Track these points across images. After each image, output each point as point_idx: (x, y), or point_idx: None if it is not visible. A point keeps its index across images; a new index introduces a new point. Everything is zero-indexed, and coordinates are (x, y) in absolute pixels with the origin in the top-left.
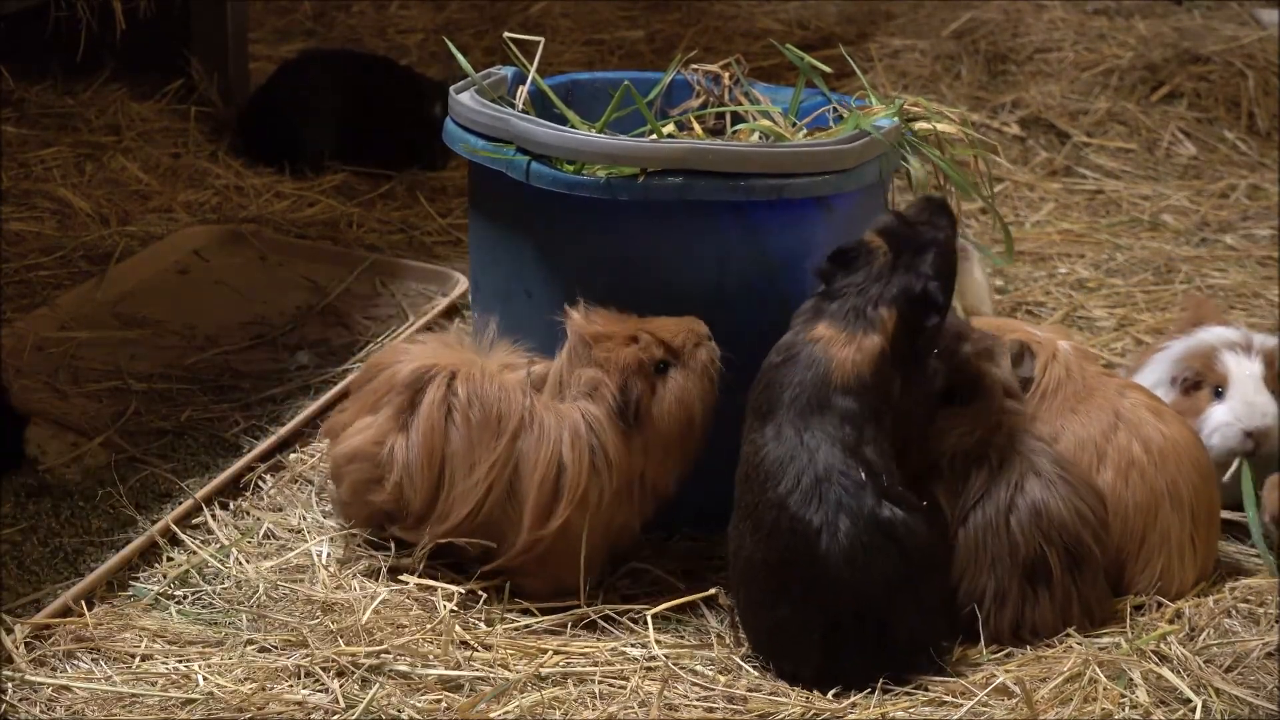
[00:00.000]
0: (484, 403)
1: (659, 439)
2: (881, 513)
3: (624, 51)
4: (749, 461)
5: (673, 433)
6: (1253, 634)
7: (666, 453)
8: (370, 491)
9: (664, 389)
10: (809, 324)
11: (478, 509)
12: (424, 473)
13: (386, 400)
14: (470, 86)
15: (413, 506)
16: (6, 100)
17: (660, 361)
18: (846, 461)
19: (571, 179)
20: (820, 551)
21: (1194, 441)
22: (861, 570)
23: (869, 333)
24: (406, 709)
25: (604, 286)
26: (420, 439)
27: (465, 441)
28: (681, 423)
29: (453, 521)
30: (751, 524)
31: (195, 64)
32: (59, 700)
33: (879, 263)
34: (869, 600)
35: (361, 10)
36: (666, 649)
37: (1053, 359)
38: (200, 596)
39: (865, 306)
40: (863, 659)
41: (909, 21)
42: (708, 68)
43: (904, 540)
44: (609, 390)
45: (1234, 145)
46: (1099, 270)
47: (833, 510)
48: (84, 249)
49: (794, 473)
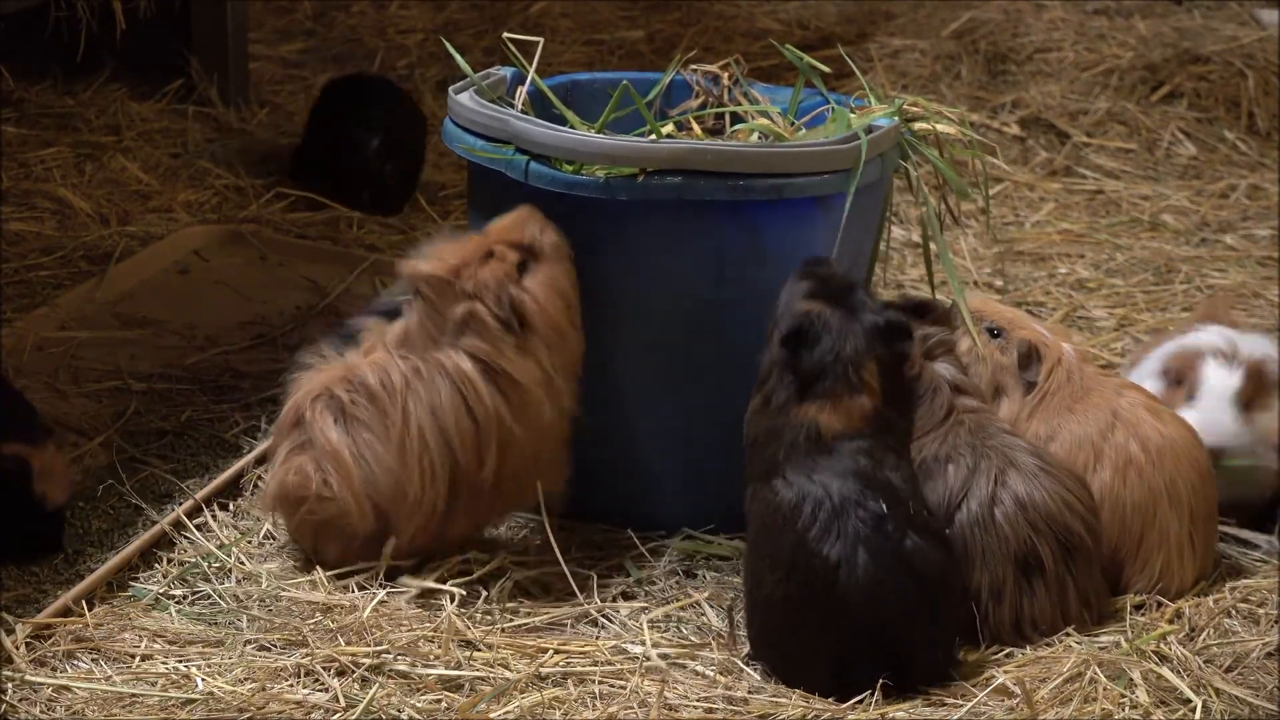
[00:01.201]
0: (366, 390)
1: (550, 330)
2: (905, 544)
3: (624, 51)
4: (763, 515)
5: (559, 319)
6: (1253, 634)
7: (563, 338)
8: (320, 521)
9: (534, 285)
10: (789, 404)
11: (427, 475)
12: (344, 472)
13: (279, 443)
14: (469, 87)
15: (361, 508)
16: (6, 100)
17: (520, 263)
18: (864, 492)
19: (571, 179)
20: (839, 586)
21: (1192, 441)
22: (879, 605)
23: (855, 396)
24: (406, 709)
25: (603, 287)
26: (323, 445)
27: (368, 431)
28: (561, 308)
29: (412, 499)
30: (770, 562)
31: (195, 64)
32: (59, 700)
33: (834, 324)
34: (886, 633)
35: (361, 10)
36: (667, 649)
37: (1058, 364)
38: (200, 597)
39: (847, 372)
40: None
41: (909, 21)
42: (707, 68)
43: (923, 571)
44: (487, 313)
45: (1234, 145)
46: (1099, 270)
47: (851, 543)
48: (84, 249)
49: (810, 508)
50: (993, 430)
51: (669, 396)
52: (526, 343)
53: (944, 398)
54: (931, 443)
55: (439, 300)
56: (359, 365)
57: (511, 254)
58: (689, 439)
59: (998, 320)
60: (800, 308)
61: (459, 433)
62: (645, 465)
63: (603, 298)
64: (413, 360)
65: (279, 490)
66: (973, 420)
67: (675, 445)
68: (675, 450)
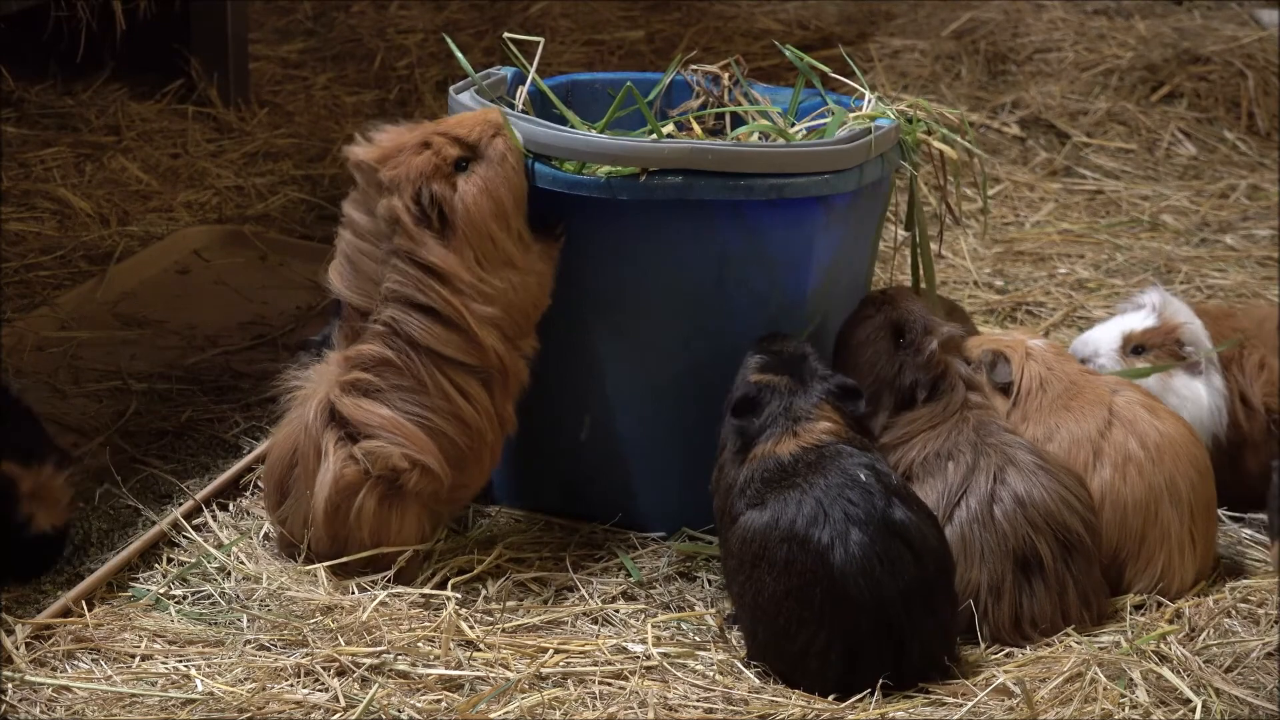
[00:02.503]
0: (378, 361)
1: (474, 232)
2: (894, 515)
3: (624, 51)
4: (745, 538)
5: (489, 224)
6: (1253, 634)
7: (494, 244)
8: (396, 499)
9: (467, 184)
10: (739, 456)
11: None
12: (410, 435)
13: (319, 440)
14: (470, 87)
15: (442, 466)
16: (6, 100)
17: (459, 159)
18: (845, 474)
19: (571, 179)
20: (835, 567)
21: (1190, 438)
22: (877, 579)
23: (810, 423)
24: (406, 709)
25: (604, 286)
26: (378, 424)
27: (402, 394)
28: (489, 211)
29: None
30: (767, 564)
31: (195, 64)
32: (59, 700)
33: (784, 388)
34: (886, 610)
35: (361, 10)
36: (667, 649)
37: (1027, 357)
38: (200, 597)
39: (797, 413)
40: (881, 672)
41: (909, 21)
42: (707, 68)
43: (917, 543)
44: (403, 208)
45: (1234, 145)
46: (1099, 270)
47: (840, 523)
48: (84, 249)
49: (793, 506)
50: (993, 428)
51: (669, 396)
52: (448, 241)
53: (960, 394)
54: (935, 439)
55: (368, 188)
56: (358, 349)
57: (451, 149)
58: (689, 439)
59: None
60: (751, 379)
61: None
62: (645, 465)
63: (602, 297)
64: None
65: (337, 484)
66: (976, 417)
67: (675, 445)
68: (675, 450)
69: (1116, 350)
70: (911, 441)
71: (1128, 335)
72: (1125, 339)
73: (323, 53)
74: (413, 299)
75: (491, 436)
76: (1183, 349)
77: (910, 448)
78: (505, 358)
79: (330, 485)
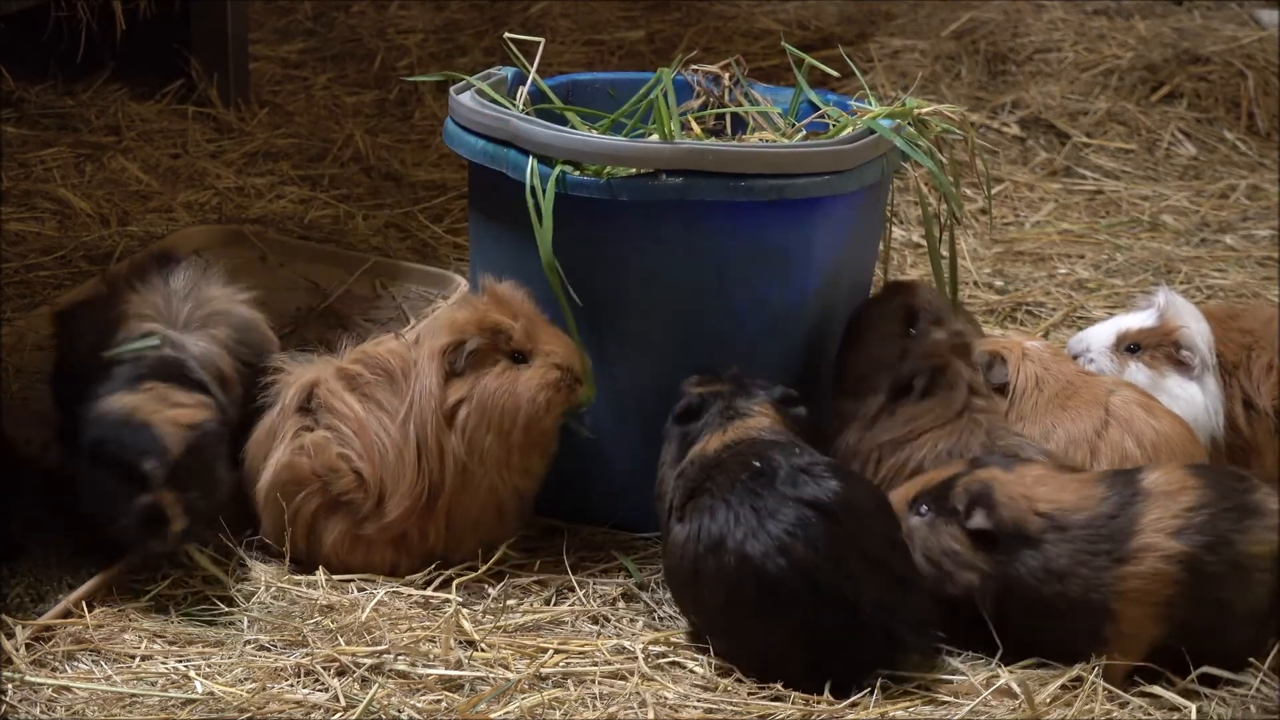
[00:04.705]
0: (385, 370)
1: (480, 413)
2: (805, 491)
3: (624, 52)
4: (680, 555)
5: (494, 424)
6: None
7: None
8: (328, 500)
9: (506, 372)
10: (676, 463)
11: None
12: (367, 442)
13: (282, 425)
14: (470, 87)
15: (375, 482)
16: (6, 100)
17: (518, 352)
18: (748, 467)
19: (572, 179)
20: (756, 561)
21: (1188, 436)
22: (800, 558)
23: (745, 419)
24: (406, 709)
25: (604, 287)
26: (348, 417)
27: (382, 410)
28: (501, 411)
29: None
30: (702, 579)
31: (195, 64)
32: (59, 700)
33: (727, 393)
34: (821, 582)
35: (361, 10)
36: (666, 648)
37: (1024, 358)
38: (200, 597)
39: (733, 412)
40: (847, 642)
41: (909, 21)
42: (707, 68)
43: (839, 510)
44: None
45: (1234, 145)
46: (1099, 270)
47: (750, 517)
48: (84, 249)
49: (707, 514)
50: (1002, 431)
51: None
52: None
53: (961, 395)
54: (944, 438)
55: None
56: (374, 350)
57: (524, 341)
58: None
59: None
60: (692, 390)
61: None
62: (645, 465)
63: (603, 298)
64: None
65: (286, 469)
66: (986, 421)
67: None
68: None
69: (1108, 347)
70: (919, 440)
71: (1123, 333)
72: (1120, 337)
73: (323, 53)
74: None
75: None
76: (1179, 352)
77: (918, 446)
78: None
79: (273, 469)
